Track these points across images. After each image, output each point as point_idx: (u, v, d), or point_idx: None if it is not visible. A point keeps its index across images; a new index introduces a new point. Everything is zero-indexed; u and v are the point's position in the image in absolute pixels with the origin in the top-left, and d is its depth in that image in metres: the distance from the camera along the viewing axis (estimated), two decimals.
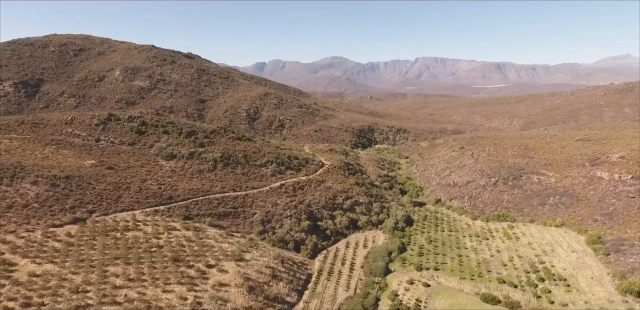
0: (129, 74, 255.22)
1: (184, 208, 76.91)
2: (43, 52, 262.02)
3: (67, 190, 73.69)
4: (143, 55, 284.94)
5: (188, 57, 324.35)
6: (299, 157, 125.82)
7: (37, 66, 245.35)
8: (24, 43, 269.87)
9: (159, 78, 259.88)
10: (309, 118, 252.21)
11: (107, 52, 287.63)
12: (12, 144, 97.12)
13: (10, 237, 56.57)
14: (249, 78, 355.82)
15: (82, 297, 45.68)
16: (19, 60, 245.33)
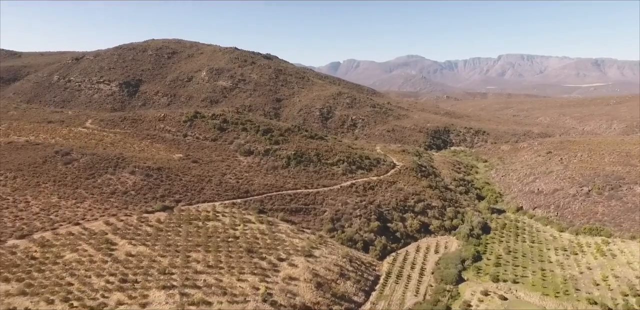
0: (214, 74, 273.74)
1: (259, 202, 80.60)
2: (143, 56, 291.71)
3: (158, 180, 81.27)
4: (226, 57, 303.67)
5: (267, 58, 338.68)
6: (371, 157, 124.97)
7: (137, 68, 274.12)
8: (128, 48, 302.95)
9: (239, 78, 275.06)
10: (382, 118, 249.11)
11: (196, 54, 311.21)
12: (116, 138, 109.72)
13: (112, 219, 64.01)
14: (323, 78, 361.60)
15: (168, 278, 50.14)
16: (123, 63, 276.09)
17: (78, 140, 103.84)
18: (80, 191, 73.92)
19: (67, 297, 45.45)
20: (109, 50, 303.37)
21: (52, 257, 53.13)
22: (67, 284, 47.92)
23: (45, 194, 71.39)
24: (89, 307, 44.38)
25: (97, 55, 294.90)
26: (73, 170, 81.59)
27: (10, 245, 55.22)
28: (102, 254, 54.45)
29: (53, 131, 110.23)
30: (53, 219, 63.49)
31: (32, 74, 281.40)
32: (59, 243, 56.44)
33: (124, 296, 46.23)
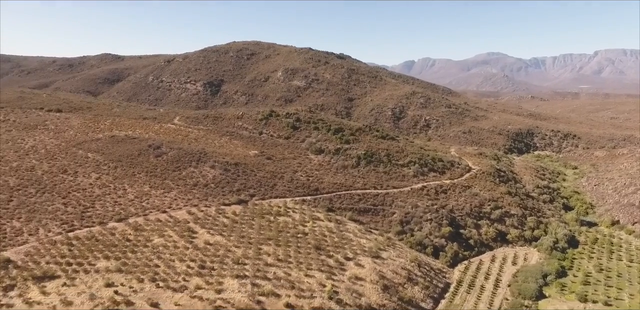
0: (289, 74, 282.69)
1: (328, 200, 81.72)
2: (225, 57, 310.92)
3: (235, 175, 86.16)
4: (301, 57, 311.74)
5: (340, 58, 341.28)
6: (444, 159, 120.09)
7: (220, 69, 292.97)
8: (212, 50, 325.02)
9: (313, 78, 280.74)
10: (458, 118, 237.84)
11: (272, 55, 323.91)
12: (199, 134, 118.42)
13: (194, 209, 69.31)
14: (396, 77, 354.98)
15: (241, 268, 53.01)
16: (207, 65, 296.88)
17: (167, 135, 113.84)
18: (167, 182, 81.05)
19: (154, 277, 50.19)
20: (195, 52, 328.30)
21: (143, 240, 59.03)
22: (155, 265, 52.92)
23: (139, 183, 79.48)
24: (172, 288, 48.58)
25: (186, 57, 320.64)
26: (162, 162, 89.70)
27: (111, 227, 62.44)
28: (185, 240, 59.21)
29: (147, 127, 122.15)
30: (145, 206, 70.50)
31: (131, 75, 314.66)
32: (149, 228, 62.52)
33: (202, 281, 49.81)
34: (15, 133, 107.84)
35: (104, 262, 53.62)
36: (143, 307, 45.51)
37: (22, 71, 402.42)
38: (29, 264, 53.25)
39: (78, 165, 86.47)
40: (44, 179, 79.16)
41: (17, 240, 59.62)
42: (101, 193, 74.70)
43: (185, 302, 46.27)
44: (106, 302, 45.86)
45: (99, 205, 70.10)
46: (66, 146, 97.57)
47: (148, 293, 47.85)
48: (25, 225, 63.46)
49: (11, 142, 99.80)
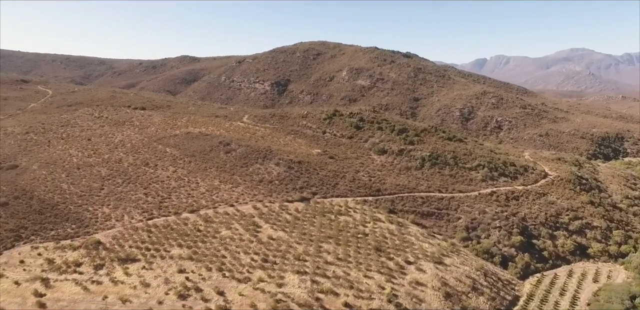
0: (354, 74, 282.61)
1: (390, 202, 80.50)
2: (292, 58, 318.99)
3: (298, 173, 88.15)
4: (367, 57, 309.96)
5: (406, 57, 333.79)
6: (516, 163, 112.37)
7: (286, 69, 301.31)
8: (280, 51, 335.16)
9: (378, 77, 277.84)
10: (533, 120, 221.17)
11: (338, 55, 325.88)
12: (265, 132, 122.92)
13: (259, 205, 72.18)
14: (466, 76, 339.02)
15: (301, 265, 54.23)
16: (275, 65, 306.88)
17: (236, 133, 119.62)
18: (235, 177, 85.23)
19: (221, 267, 53.20)
20: (264, 53, 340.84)
21: (212, 231, 62.78)
22: (222, 256, 56.05)
23: (210, 177, 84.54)
24: (236, 279, 51.13)
25: (255, 58, 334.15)
26: (231, 158, 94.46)
27: (184, 218, 67.27)
28: (249, 234, 61.93)
29: (218, 124, 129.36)
30: (214, 199, 74.87)
31: (206, 75, 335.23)
32: (217, 220, 66.33)
33: (264, 274, 51.82)
34: (107, 128, 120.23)
35: (177, 250, 57.94)
36: (210, 294, 48.49)
37: (114, 72, 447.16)
38: (115, 246, 59.24)
39: (158, 158, 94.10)
40: (129, 170, 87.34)
41: (106, 225, 66.62)
42: (177, 185, 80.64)
43: (248, 293, 48.46)
44: (178, 286, 49.57)
45: (175, 197, 75.77)
46: (148, 141, 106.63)
47: (215, 281, 50.87)
48: (113, 211, 70.66)
49: (104, 136, 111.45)
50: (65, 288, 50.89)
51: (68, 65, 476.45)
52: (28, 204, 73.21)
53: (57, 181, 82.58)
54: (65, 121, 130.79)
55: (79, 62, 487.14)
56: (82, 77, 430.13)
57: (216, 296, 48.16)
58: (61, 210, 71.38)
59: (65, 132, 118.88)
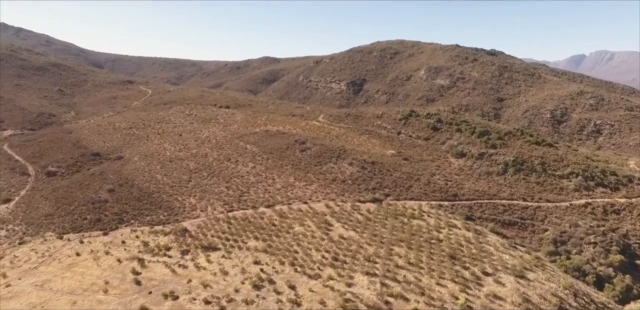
0: (432, 73, 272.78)
1: (467, 208, 76.55)
2: (368, 57, 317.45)
3: (371, 173, 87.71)
4: (446, 55, 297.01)
5: (490, 54, 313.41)
6: (618, 173, 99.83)
7: (363, 69, 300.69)
8: (356, 51, 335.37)
9: (458, 76, 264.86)
10: None
11: (416, 53, 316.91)
12: (340, 131, 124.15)
13: (331, 203, 73.25)
14: (559, 74, 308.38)
15: (371, 266, 53.94)
16: (351, 65, 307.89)
17: (312, 131, 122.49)
18: (309, 175, 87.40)
19: (293, 262, 55.01)
20: (341, 53, 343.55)
21: (286, 226, 65.15)
22: (294, 251, 57.94)
23: (285, 174, 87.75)
24: (307, 274, 52.52)
25: (332, 58, 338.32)
26: (306, 157, 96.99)
27: (260, 212, 70.74)
28: (321, 232, 63.14)
29: (295, 123, 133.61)
30: (289, 195, 77.57)
31: (285, 75, 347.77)
32: (291, 216, 68.67)
33: (334, 273, 52.50)
34: (196, 125, 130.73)
35: (253, 242, 61.16)
36: (283, 287, 50.42)
37: (203, 73, 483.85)
38: (199, 234, 64.35)
39: (239, 154, 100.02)
40: (214, 164, 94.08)
41: (192, 214, 72.62)
42: (255, 181, 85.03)
43: (318, 290, 49.51)
44: (253, 277, 52.32)
45: (253, 191, 79.99)
46: (231, 138, 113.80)
47: (287, 275, 52.78)
48: (198, 202, 76.78)
49: (193, 132, 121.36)
50: (156, 269, 56.57)
51: (165, 67, 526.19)
52: (129, 192, 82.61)
53: (153, 172, 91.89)
54: (161, 118, 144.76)
55: (174, 64, 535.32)
56: (177, 77, 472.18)
57: (288, 290, 49.95)
58: (155, 198, 79.38)
59: (161, 128, 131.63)
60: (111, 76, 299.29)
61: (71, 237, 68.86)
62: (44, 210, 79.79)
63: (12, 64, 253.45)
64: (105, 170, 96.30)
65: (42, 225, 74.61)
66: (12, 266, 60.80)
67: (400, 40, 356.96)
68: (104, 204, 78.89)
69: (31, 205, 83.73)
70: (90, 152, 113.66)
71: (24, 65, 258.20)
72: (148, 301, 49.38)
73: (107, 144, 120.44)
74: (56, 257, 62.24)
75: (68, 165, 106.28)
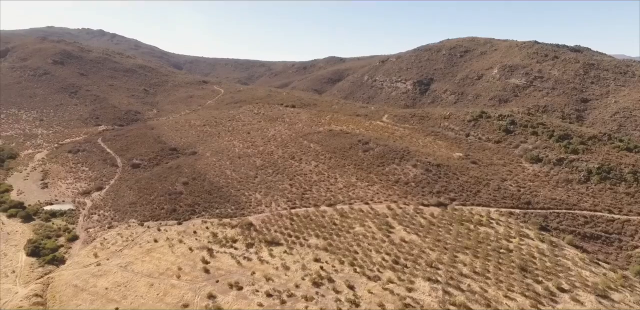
0: (506, 71, 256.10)
1: (542, 217, 71.05)
2: (436, 56, 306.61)
3: (436, 176, 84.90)
4: (523, 52, 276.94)
5: (574, 51, 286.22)
6: None
7: (430, 68, 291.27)
8: (424, 49, 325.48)
9: (536, 75, 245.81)
10: None
11: (489, 51, 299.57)
12: (404, 132, 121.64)
13: (393, 205, 72.16)
14: None
15: (433, 272, 52.36)
16: (419, 64, 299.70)
17: (375, 132, 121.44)
18: (371, 176, 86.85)
19: (353, 262, 55.16)
20: (408, 52, 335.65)
21: (347, 226, 65.48)
22: (354, 251, 58.06)
23: (347, 174, 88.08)
24: (366, 275, 52.38)
25: (399, 57, 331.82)
26: (369, 157, 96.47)
27: (322, 210, 71.81)
28: (382, 233, 62.55)
29: (358, 123, 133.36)
30: (350, 195, 77.80)
31: (350, 75, 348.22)
32: (352, 216, 68.84)
33: (394, 276, 51.78)
34: (263, 123, 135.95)
35: (314, 240, 62.30)
36: (341, 286, 50.84)
37: (271, 73, 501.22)
38: (263, 229, 67.00)
39: (302, 153, 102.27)
40: (279, 162, 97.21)
41: (257, 209, 75.76)
42: (317, 179, 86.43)
43: (377, 292, 49.18)
44: (313, 274, 53.35)
45: (315, 190, 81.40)
46: (295, 136, 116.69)
47: (346, 275, 53.10)
48: (263, 197, 79.89)
49: (260, 130, 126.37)
50: (223, 259, 59.96)
51: (236, 67, 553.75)
52: (201, 185, 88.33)
53: (222, 167, 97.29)
54: (232, 116, 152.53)
55: (245, 64, 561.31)
56: (247, 77, 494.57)
57: (346, 289, 50.26)
58: (224, 192, 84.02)
59: (231, 126, 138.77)
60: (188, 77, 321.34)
61: (150, 224, 75.39)
62: (129, 199, 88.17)
63: (106, 66, 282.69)
64: (181, 164, 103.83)
65: (126, 212, 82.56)
66: (102, 247, 68.13)
67: (472, 37, 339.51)
68: (179, 195, 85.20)
69: (118, 194, 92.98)
70: (168, 147, 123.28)
71: (116, 67, 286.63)
72: (215, 289, 52.57)
73: (183, 140, 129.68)
74: (137, 242, 68.55)
75: (150, 158, 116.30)
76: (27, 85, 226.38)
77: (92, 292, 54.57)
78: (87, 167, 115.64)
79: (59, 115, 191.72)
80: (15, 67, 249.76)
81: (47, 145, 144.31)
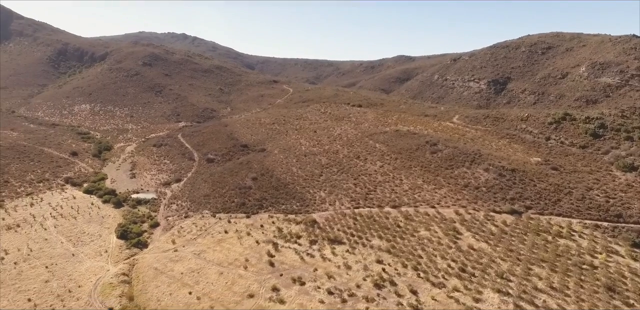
0: (596, 69, 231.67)
1: (635, 233, 63.44)
2: (515, 53, 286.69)
3: (510, 182, 79.68)
4: (618, 48, 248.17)
5: None
6: None
7: (507, 66, 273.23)
8: (501, 46, 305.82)
9: (633, 73, 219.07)
10: None
11: (576, 47, 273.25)
12: (476, 134, 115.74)
13: (462, 210, 69.16)
14: None
15: (504, 284, 49.36)
16: (494, 62, 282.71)
17: (444, 133, 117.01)
18: (439, 179, 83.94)
19: (416, 266, 53.91)
20: (483, 49, 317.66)
21: (411, 229, 64.10)
22: (418, 256, 56.70)
23: (413, 176, 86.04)
24: (430, 281, 50.89)
25: (472, 55, 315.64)
26: (437, 159, 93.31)
27: (386, 212, 71.02)
28: (449, 239, 60.30)
29: (427, 124, 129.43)
30: (416, 198, 75.96)
31: (419, 74, 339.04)
32: (417, 219, 67.20)
33: (460, 284, 49.71)
34: (329, 122, 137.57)
35: (377, 241, 61.88)
36: (404, 290, 49.96)
37: (339, 73, 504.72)
38: (327, 227, 68.00)
39: (368, 153, 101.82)
40: (344, 161, 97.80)
41: (321, 207, 77.01)
42: (382, 180, 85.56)
43: (441, 299, 47.61)
44: (375, 276, 53.06)
45: (379, 190, 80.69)
46: (361, 136, 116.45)
47: (409, 279, 52.06)
48: (327, 196, 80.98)
49: (326, 129, 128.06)
50: (288, 254, 61.91)
51: (305, 67, 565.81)
52: (269, 181, 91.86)
53: (289, 165, 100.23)
54: (299, 115, 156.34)
55: (313, 64, 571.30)
56: (315, 77, 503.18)
57: (409, 294, 49.29)
58: (290, 189, 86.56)
59: (299, 124, 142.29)
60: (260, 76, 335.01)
61: (222, 216, 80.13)
62: (203, 191, 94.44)
63: (187, 67, 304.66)
64: (251, 160, 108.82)
65: (201, 203, 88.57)
66: (179, 235, 73.92)
67: (556, 32, 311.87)
68: (248, 190, 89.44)
69: (195, 186, 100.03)
70: (240, 144, 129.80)
71: (195, 68, 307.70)
72: (279, 283, 54.51)
73: (254, 137, 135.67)
74: (210, 232, 73.30)
75: (223, 153, 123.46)
76: (121, 85, 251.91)
77: (170, 276, 59.46)
78: (168, 160, 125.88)
79: (146, 112, 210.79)
80: (112, 68, 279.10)
81: (136, 139, 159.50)
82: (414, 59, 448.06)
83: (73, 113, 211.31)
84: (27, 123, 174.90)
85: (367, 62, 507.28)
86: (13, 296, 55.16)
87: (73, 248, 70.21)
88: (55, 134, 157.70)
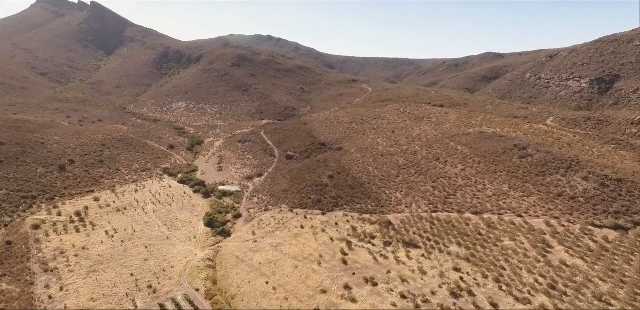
0: None
1: None
2: (626, 48, 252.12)
3: (615, 193, 70.77)
4: None
5: None
6: None
7: (616, 62, 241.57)
8: (609, 40, 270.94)
9: None
10: None
11: None
12: (574, 138, 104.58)
13: (554, 222, 63.17)
14: None
15: (603, 307, 44.22)
16: (600, 58, 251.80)
17: (536, 136, 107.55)
18: (528, 186, 77.51)
19: (499, 279, 50.57)
20: (585, 44, 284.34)
21: (494, 238, 60.22)
22: (501, 267, 53.12)
23: (499, 181, 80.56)
24: (514, 296, 47.39)
25: (572, 51, 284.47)
26: (526, 164, 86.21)
27: (466, 218, 67.59)
28: (537, 252, 55.56)
29: (516, 126, 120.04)
30: (501, 205, 71.08)
31: (509, 72, 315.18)
32: (501, 228, 62.92)
33: (549, 302, 45.63)
34: (408, 123, 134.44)
35: (455, 248, 59.23)
36: (483, 302, 47.25)
37: (420, 72, 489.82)
38: (402, 229, 66.79)
39: (448, 155, 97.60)
40: (422, 163, 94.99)
41: (397, 209, 75.79)
42: (463, 184, 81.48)
43: None
44: (452, 284, 50.91)
45: (460, 195, 76.99)
46: (442, 137, 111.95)
47: (490, 292, 49.06)
48: (404, 197, 79.42)
49: (405, 130, 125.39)
50: (361, 253, 62.08)
51: (385, 66, 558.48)
52: (345, 180, 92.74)
53: (366, 164, 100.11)
54: (377, 114, 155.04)
55: (393, 63, 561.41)
56: (395, 76, 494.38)
57: (489, 306, 46.52)
58: (366, 188, 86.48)
59: (377, 124, 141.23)
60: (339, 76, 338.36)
61: (298, 211, 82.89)
62: (282, 186, 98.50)
63: (271, 67, 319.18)
64: (328, 159, 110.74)
65: (280, 198, 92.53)
66: (258, 227, 78.15)
67: None
68: (325, 187, 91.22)
69: (274, 181, 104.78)
70: (318, 142, 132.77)
71: (279, 68, 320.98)
72: (351, 281, 54.95)
73: (331, 136, 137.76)
74: (287, 226, 76.31)
75: (301, 151, 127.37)
76: (212, 84, 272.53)
77: (249, 264, 63.21)
78: (251, 156, 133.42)
79: (233, 110, 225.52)
80: (205, 69, 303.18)
81: (224, 135, 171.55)
82: (503, 56, 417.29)
83: (171, 110, 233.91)
84: (134, 118, 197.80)
85: (451, 60, 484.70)
86: (120, 270, 63.07)
87: (168, 232, 78.01)
88: (156, 129, 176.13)
